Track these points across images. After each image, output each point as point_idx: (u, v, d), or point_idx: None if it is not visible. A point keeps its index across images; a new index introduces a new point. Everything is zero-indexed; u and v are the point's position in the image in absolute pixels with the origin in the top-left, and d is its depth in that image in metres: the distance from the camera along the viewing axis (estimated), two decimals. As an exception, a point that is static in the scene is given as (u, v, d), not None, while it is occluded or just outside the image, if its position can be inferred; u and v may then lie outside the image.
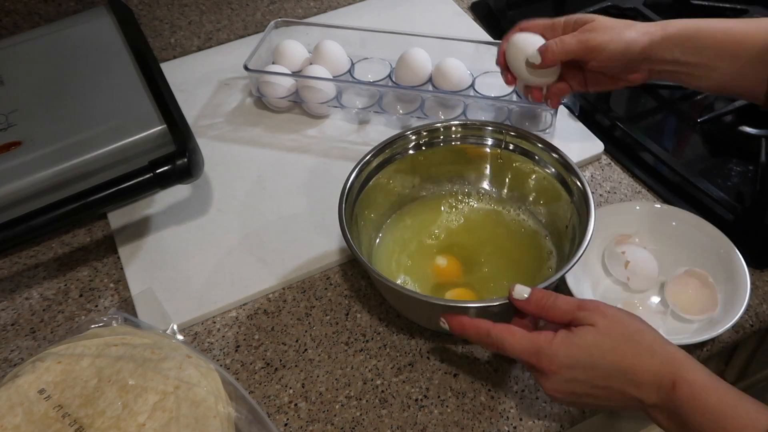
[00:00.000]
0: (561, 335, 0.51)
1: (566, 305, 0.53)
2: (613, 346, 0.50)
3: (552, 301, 0.53)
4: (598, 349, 0.50)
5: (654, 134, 0.83)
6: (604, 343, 0.50)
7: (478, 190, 0.73)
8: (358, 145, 0.84)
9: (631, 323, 0.51)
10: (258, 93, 0.87)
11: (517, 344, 0.52)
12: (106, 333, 0.58)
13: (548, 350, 0.51)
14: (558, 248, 0.68)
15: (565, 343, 0.51)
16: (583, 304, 0.52)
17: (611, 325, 0.50)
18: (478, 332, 0.55)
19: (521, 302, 0.54)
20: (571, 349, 0.50)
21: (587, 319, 0.51)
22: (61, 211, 0.64)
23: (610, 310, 0.51)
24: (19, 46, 0.82)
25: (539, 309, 0.54)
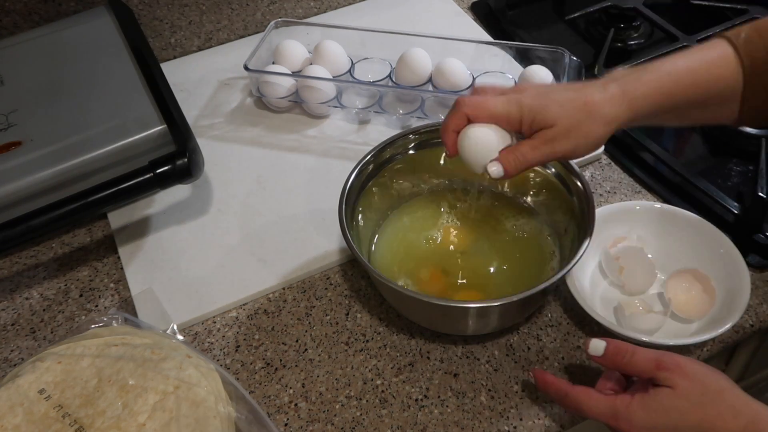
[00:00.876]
0: (638, 398, 0.51)
1: (644, 363, 0.52)
2: (693, 408, 0.49)
3: (629, 359, 0.53)
4: (677, 413, 0.49)
5: (654, 134, 0.83)
6: (683, 407, 0.49)
7: (479, 189, 0.73)
8: (358, 145, 0.84)
9: (712, 383, 0.50)
10: (258, 93, 0.87)
11: (594, 407, 0.52)
12: (106, 333, 0.58)
13: (625, 414, 0.51)
14: (560, 248, 0.68)
15: (642, 405, 0.50)
16: (662, 363, 0.51)
17: (691, 386, 0.50)
18: (558, 392, 0.56)
19: (598, 359, 0.55)
20: (650, 413, 0.50)
21: (667, 380, 0.50)
22: (61, 211, 0.64)
23: (691, 369, 0.50)
24: (19, 46, 0.82)
25: (615, 365, 0.54)
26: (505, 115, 0.56)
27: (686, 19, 0.97)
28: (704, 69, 0.57)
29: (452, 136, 0.58)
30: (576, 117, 0.55)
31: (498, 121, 0.56)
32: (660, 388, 0.50)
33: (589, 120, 0.55)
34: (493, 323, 0.63)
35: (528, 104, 0.55)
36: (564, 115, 0.55)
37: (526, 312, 0.65)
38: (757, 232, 0.70)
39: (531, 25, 1.01)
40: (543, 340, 0.65)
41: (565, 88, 0.57)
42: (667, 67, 0.57)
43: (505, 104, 0.56)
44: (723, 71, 0.57)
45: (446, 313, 0.61)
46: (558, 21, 1.01)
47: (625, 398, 0.51)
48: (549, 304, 0.68)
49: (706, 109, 0.59)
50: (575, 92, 0.56)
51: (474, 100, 0.56)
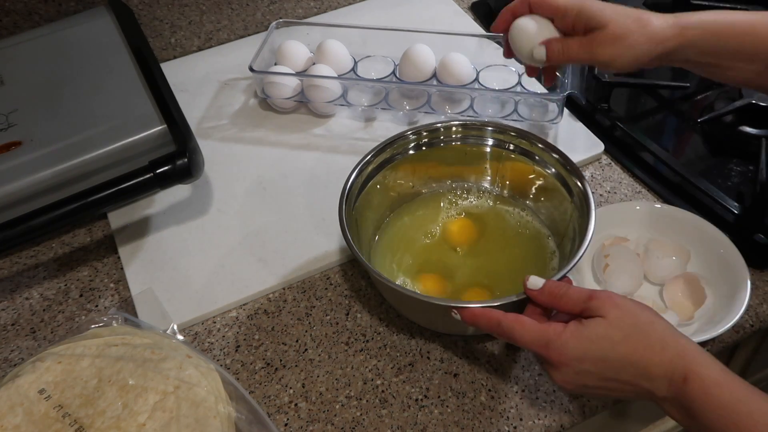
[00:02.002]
0: (571, 327, 0.51)
1: (578, 295, 0.52)
2: (624, 338, 0.49)
3: (564, 291, 0.53)
4: (608, 341, 0.49)
5: (654, 134, 0.83)
6: (614, 335, 0.49)
7: (479, 189, 0.73)
8: (366, 142, 0.84)
9: (642, 314, 0.51)
10: (263, 94, 0.87)
11: (527, 334, 0.52)
12: (106, 333, 0.58)
13: (557, 342, 0.50)
14: (560, 248, 0.68)
15: (575, 334, 0.50)
16: (594, 294, 0.52)
17: (622, 316, 0.50)
18: (489, 321, 0.54)
19: (534, 292, 0.54)
20: (581, 341, 0.50)
21: (598, 310, 0.50)
22: (61, 211, 0.64)
23: (621, 301, 0.51)
24: (19, 46, 0.82)
25: (551, 298, 0.54)
26: (563, 11, 0.60)
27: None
28: (763, 23, 0.58)
29: (508, 17, 0.63)
30: (627, 25, 0.58)
31: (555, 14, 0.61)
32: (592, 318, 0.50)
33: (639, 32, 0.58)
34: (493, 323, 0.63)
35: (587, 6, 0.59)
36: (617, 20, 0.58)
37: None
38: (757, 232, 0.70)
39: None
40: (543, 340, 0.65)
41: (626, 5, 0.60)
42: (726, 14, 0.59)
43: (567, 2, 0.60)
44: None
45: (446, 313, 0.61)
46: (558, 21, 1.01)
47: (558, 327, 0.51)
48: (549, 304, 0.68)
49: (752, 63, 0.59)
50: (633, 9, 0.59)
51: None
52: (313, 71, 0.86)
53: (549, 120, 0.83)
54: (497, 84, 0.86)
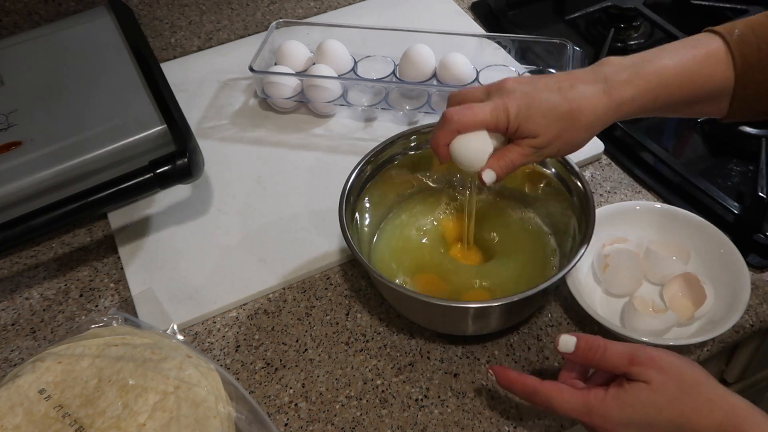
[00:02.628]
0: (612, 393, 0.49)
1: (617, 359, 0.50)
2: (669, 403, 0.48)
3: (601, 354, 0.51)
4: (653, 408, 0.48)
5: (654, 134, 0.83)
6: (659, 401, 0.48)
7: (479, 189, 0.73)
8: (366, 141, 0.84)
9: (688, 376, 0.49)
10: (263, 94, 0.87)
11: (567, 404, 0.51)
12: (106, 333, 0.58)
13: (600, 410, 0.49)
14: (561, 247, 0.68)
15: (617, 401, 0.49)
16: (635, 357, 0.49)
17: (667, 380, 0.48)
18: (524, 389, 0.53)
19: (569, 355, 0.53)
20: (625, 408, 0.49)
21: (641, 375, 0.49)
22: (61, 211, 0.64)
23: (666, 362, 0.49)
24: (19, 46, 0.82)
25: (587, 362, 0.52)
26: (494, 124, 0.56)
27: (686, 19, 0.97)
28: (695, 69, 0.56)
29: (444, 149, 0.57)
30: (559, 127, 0.55)
31: (487, 126, 0.56)
32: (635, 382, 0.49)
33: (573, 128, 0.55)
34: (494, 323, 0.63)
35: (514, 113, 0.55)
36: (547, 126, 0.55)
37: (527, 312, 0.65)
38: (757, 232, 0.70)
39: (531, 25, 1.01)
40: (543, 340, 0.65)
41: (550, 89, 0.55)
42: (657, 65, 0.56)
43: (493, 113, 0.55)
44: (713, 70, 0.56)
45: (446, 314, 0.61)
46: (558, 21, 1.01)
47: (599, 393, 0.50)
48: (549, 304, 0.68)
49: (694, 106, 0.58)
50: (560, 96, 0.55)
51: (461, 114, 0.55)
52: (313, 71, 0.86)
53: None
54: (498, 84, 0.86)
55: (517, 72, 0.87)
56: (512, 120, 0.55)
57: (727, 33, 0.56)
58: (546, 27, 1.01)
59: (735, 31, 0.56)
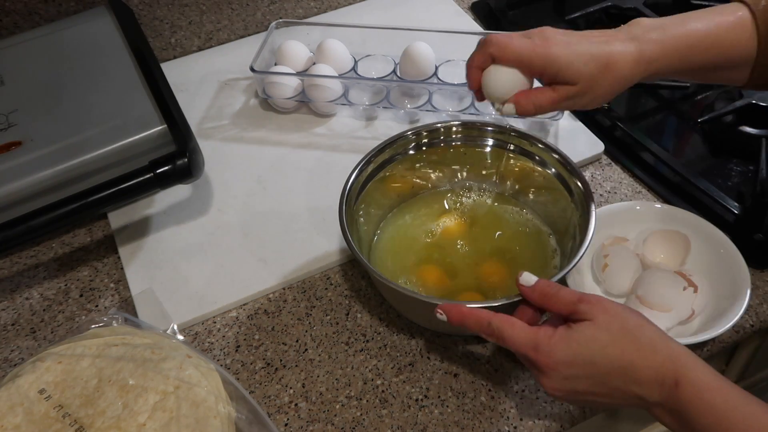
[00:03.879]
0: (560, 331, 0.50)
1: (568, 296, 0.52)
2: (612, 342, 0.49)
3: (555, 291, 0.53)
4: (596, 344, 0.49)
5: (654, 134, 0.83)
6: (602, 338, 0.49)
7: (479, 189, 0.73)
8: (367, 140, 0.84)
9: (631, 318, 0.50)
10: (264, 94, 0.87)
11: (517, 336, 0.52)
12: (106, 333, 0.58)
13: (546, 346, 0.50)
14: (561, 247, 0.68)
15: (564, 338, 0.50)
16: (584, 297, 0.51)
17: (611, 319, 0.50)
18: (478, 321, 0.54)
19: (526, 289, 0.54)
20: (570, 344, 0.50)
21: (587, 313, 0.50)
22: (61, 211, 0.64)
23: (610, 305, 0.51)
24: (19, 46, 0.82)
25: (542, 297, 0.53)
26: (528, 62, 0.58)
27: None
28: (720, 34, 0.59)
29: (476, 72, 0.61)
30: (594, 77, 0.58)
31: (520, 65, 0.59)
32: (581, 321, 0.50)
33: (607, 80, 0.58)
34: (494, 323, 0.63)
35: (554, 59, 0.57)
36: (586, 74, 0.58)
37: (527, 312, 0.65)
38: (757, 232, 0.70)
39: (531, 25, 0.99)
40: (543, 340, 0.65)
41: (589, 41, 0.59)
42: (685, 28, 0.59)
43: (530, 51, 0.58)
44: (739, 37, 0.58)
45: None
46: (558, 21, 1.01)
47: (548, 330, 0.51)
48: (549, 304, 0.68)
49: (718, 71, 0.61)
50: (598, 47, 0.58)
51: (501, 40, 0.58)
52: (314, 71, 0.86)
53: (550, 117, 0.82)
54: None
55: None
56: (549, 66, 0.58)
57: (753, 3, 0.59)
58: (546, 27, 1.01)
59: (762, 2, 0.58)
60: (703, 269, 0.67)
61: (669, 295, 0.63)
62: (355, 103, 0.87)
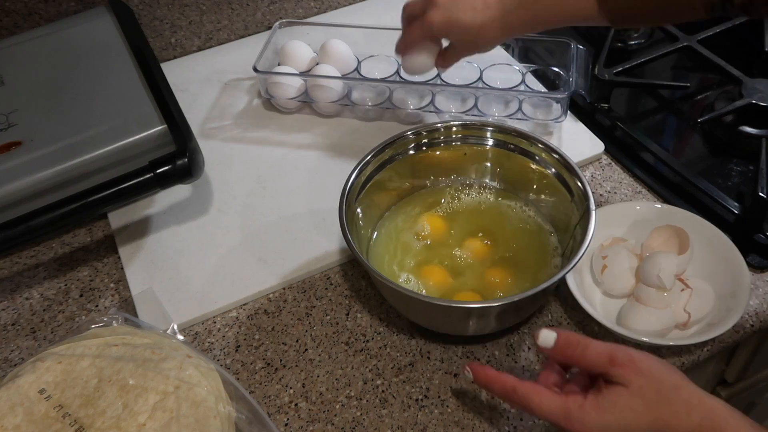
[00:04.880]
0: (590, 398, 0.49)
1: (596, 358, 0.50)
2: (647, 408, 0.48)
3: (581, 352, 0.51)
4: (631, 413, 0.48)
5: (654, 134, 0.83)
6: (637, 406, 0.48)
7: (479, 189, 0.73)
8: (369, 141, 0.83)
9: (666, 379, 0.49)
10: (267, 94, 0.87)
11: (545, 406, 0.50)
12: (106, 333, 0.58)
13: (578, 414, 0.49)
14: (561, 247, 0.68)
15: (595, 406, 0.49)
16: (615, 357, 0.49)
17: (645, 384, 0.48)
18: (503, 388, 0.52)
19: (548, 351, 0.52)
20: (603, 414, 0.48)
21: (620, 377, 0.49)
22: (61, 211, 0.64)
23: (644, 365, 0.49)
24: (19, 46, 0.82)
25: (567, 358, 0.52)
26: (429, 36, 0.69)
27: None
28: None
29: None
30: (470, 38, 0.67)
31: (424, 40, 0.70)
32: (613, 386, 0.49)
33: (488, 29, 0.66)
34: (494, 323, 0.63)
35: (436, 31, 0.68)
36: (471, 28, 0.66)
37: (527, 312, 0.65)
38: (757, 232, 0.70)
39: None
40: (543, 340, 0.65)
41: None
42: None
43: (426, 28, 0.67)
44: None
45: (447, 314, 0.61)
46: (558, 21, 1.01)
47: (578, 399, 0.50)
48: (549, 303, 0.68)
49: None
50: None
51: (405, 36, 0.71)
52: (317, 71, 0.86)
53: (553, 119, 0.83)
54: (501, 83, 0.86)
55: (521, 71, 0.87)
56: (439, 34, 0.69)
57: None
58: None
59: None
60: (703, 269, 0.67)
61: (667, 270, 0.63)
62: (358, 104, 0.87)
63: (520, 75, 0.87)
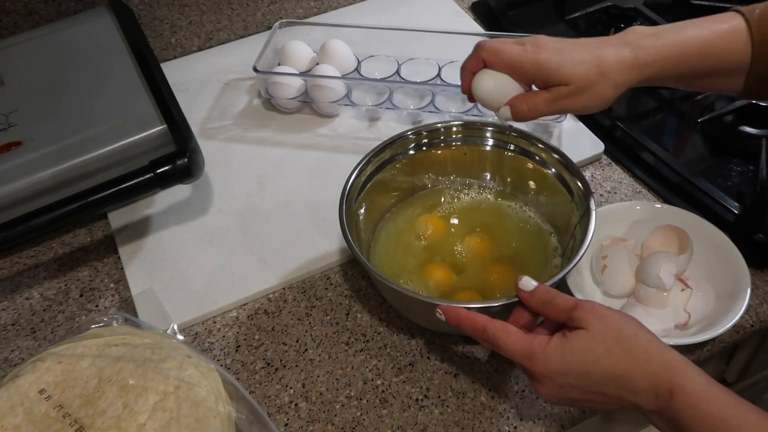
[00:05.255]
0: (555, 340, 0.50)
1: (564, 303, 0.52)
2: (607, 351, 0.49)
3: (552, 297, 0.52)
4: (590, 355, 0.49)
5: (654, 134, 0.83)
6: (596, 348, 0.49)
7: (479, 189, 0.73)
8: (370, 141, 0.84)
9: (626, 326, 0.50)
10: (267, 94, 0.87)
11: (512, 344, 0.51)
12: (106, 333, 0.58)
13: (541, 355, 0.50)
14: (562, 247, 0.68)
15: (558, 348, 0.50)
16: (579, 304, 0.51)
17: (605, 328, 0.49)
18: (474, 326, 0.54)
19: (525, 294, 0.54)
20: (564, 354, 0.49)
21: (582, 321, 0.50)
22: (61, 211, 0.64)
23: (606, 312, 0.50)
24: (20, 46, 0.82)
25: (540, 303, 0.53)
26: (518, 67, 0.59)
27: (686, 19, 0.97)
28: (715, 42, 0.59)
29: (468, 76, 0.63)
30: (589, 78, 0.58)
31: (511, 71, 0.60)
32: (575, 330, 0.50)
33: (601, 82, 0.59)
34: (494, 323, 0.63)
35: (544, 63, 0.59)
36: (578, 74, 0.58)
37: (527, 312, 0.65)
38: (757, 232, 0.70)
39: (531, 25, 1.01)
40: (543, 340, 0.65)
41: (582, 47, 0.59)
42: (680, 35, 0.60)
43: (521, 57, 0.59)
44: (733, 45, 0.59)
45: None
46: (558, 21, 1.01)
47: (542, 339, 0.51)
48: (549, 304, 0.68)
49: (713, 78, 0.61)
50: (590, 52, 0.59)
51: (492, 45, 0.60)
52: (317, 71, 0.86)
53: (553, 119, 0.83)
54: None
55: None
56: (540, 70, 0.59)
57: (748, 12, 0.59)
58: (546, 27, 1.01)
59: (756, 10, 0.59)
60: (703, 269, 0.67)
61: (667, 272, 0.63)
62: (358, 104, 0.87)
63: None
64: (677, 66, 0.60)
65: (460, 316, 0.55)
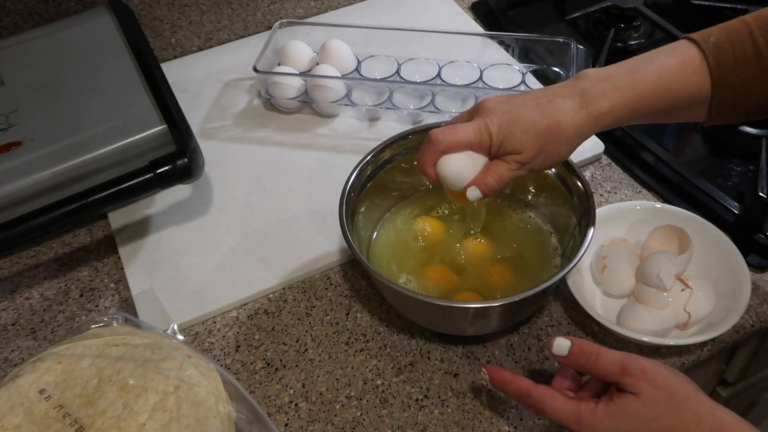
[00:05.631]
0: (602, 405, 0.50)
1: (609, 367, 0.51)
2: (657, 417, 0.48)
3: (593, 361, 0.51)
4: (641, 421, 0.49)
5: (654, 134, 0.83)
6: (647, 415, 0.48)
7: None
8: (370, 141, 0.84)
9: (677, 390, 0.49)
10: (267, 94, 0.87)
11: (558, 410, 0.51)
12: (106, 333, 0.58)
13: (589, 420, 0.50)
14: (562, 247, 0.68)
15: (607, 414, 0.49)
16: (627, 367, 0.50)
17: (656, 393, 0.49)
18: (518, 391, 0.53)
19: (562, 359, 0.53)
20: (614, 420, 0.49)
21: (632, 386, 0.49)
22: (61, 211, 0.64)
23: (657, 375, 0.49)
24: (20, 46, 0.82)
25: (579, 367, 0.53)
26: (478, 142, 0.57)
27: (686, 19, 0.97)
28: (670, 79, 0.56)
29: (431, 170, 0.59)
30: (540, 141, 0.56)
31: (471, 146, 0.58)
32: (625, 394, 0.50)
33: (554, 142, 0.57)
34: (494, 323, 0.63)
35: (496, 131, 0.57)
36: (529, 142, 0.56)
37: (527, 312, 0.65)
38: (757, 232, 0.70)
39: (531, 25, 1.01)
40: (543, 341, 0.65)
41: (531, 106, 0.57)
42: (631, 78, 0.57)
43: (476, 132, 0.57)
44: (688, 79, 0.56)
45: (447, 314, 0.61)
46: (558, 21, 1.01)
47: (590, 405, 0.50)
48: (549, 304, 0.68)
49: (673, 113, 0.59)
50: (540, 110, 0.56)
51: (445, 134, 0.57)
52: (317, 71, 0.86)
53: None
54: (501, 83, 0.86)
55: (520, 71, 0.87)
56: (495, 137, 0.57)
57: (702, 41, 0.56)
58: (546, 27, 1.01)
59: (710, 38, 0.56)
60: (703, 269, 0.67)
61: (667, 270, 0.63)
62: (358, 104, 0.87)
63: (521, 75, 0.87)
64: (633, 110, 0.57)
65: (505, 380, 0.55)
